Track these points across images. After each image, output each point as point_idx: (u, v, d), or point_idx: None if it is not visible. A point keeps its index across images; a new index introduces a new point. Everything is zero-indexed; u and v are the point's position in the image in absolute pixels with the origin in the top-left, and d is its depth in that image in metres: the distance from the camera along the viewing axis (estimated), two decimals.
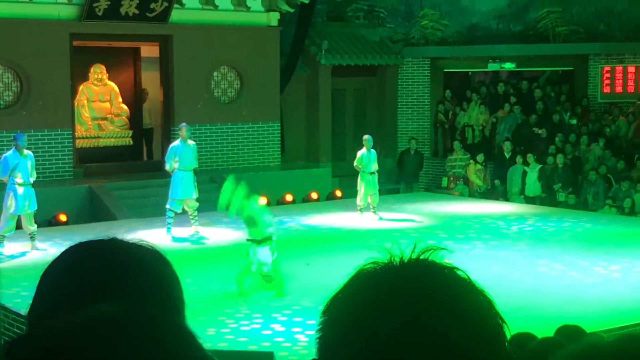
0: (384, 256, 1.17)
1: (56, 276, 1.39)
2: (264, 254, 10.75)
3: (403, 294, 1.11)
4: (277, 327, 9.68)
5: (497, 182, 20.75)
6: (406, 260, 1.17)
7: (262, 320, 9.95)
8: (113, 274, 1.36)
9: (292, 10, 20.85)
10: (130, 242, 1.43)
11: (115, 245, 1.42)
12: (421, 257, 1.17)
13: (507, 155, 20.85)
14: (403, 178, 22.41)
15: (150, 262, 1.40)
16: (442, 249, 1.18)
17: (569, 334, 5.89)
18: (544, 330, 6.78)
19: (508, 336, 1.18)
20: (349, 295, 1.15)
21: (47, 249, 13.65)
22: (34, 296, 1.39)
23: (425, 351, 1.09)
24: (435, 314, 1.10)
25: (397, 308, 1.10)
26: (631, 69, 23.11)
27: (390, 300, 1.11)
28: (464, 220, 16.26)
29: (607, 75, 23.27)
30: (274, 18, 20.84)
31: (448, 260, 1.19)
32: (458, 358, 1.10)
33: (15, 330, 9.99)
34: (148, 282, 1.37)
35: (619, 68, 23.18)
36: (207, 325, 9.69)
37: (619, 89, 23.23)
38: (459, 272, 1.16)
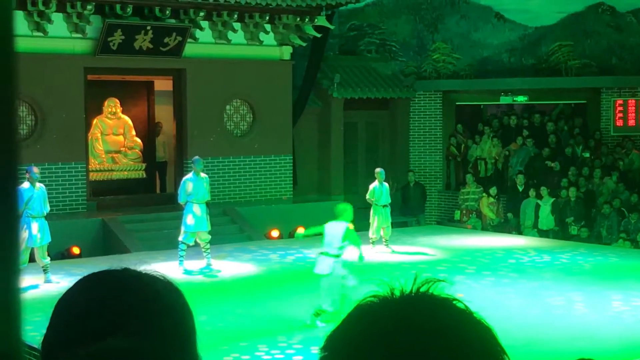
0: (383, 290, 1.18)
1: (70, 307, 1.40)
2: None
3: (402, 327, 1.12)
4: None
5: (510, 215, 20.69)
6: (406, 293, 1.18)
7: (274, 353, 9.90)
8: (126, 304, 1.37)
9: (304, 44, 20.99)
10: (143, 272, 1.44)
11: (128, 276, 1.43)
12: (421, 289, 1.18)
13: (520, 189, 20.81)
14: (408, 212, 22.36)
15: (163, 292, 1.41)
16: (442, 281, 1.18)
17: None
18: None
19: None
20: (348, 329, 1.16)
21: (60, 282, 13.66)
22: (48, 326, 1.40)
23: None
24: (435, 346, 1.11)
25: (396, 341, 1.11)
26: None
27: (389, 333, 1.12)
28: (476, 254, 16.20)
29: (620, 108, 23.25)
30: (286, 52, 20.97)
31: (451, 292, 1.20)
32: None
33: None
34: (161, 312, 1.37)
35: (632, 101, 23.17)
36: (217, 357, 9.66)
37: (631, 122, 23.19)
38: (458, 304, 1.16)
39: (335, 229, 11.51)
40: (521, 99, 23.91)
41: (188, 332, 1.40)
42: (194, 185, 14.74)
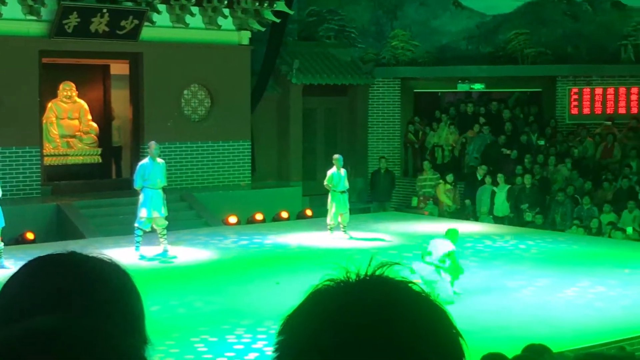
0: (340, 273, 1.17)
1: (14, 289, 1.39)
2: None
3: (358, 309, 1.12)
4: (240, 347, 9.63)
5: (467, 202, 20.86)
6: (361, 277, 1.17)
7: (233, 340, 9.89)
8: (71, 287, 1.36)
9: (263, 29, 20.90)
10: (90, 255, 1.43)
11: (74, 259, 1.42)
12: (376, 272, 1.17)
13: (480, 177, 20.93)
14: (375, 198, 22.48)
15: (110, 275, 1.40)
16: (397, 263, 1.18)
17: (536, 352, 5.92)
18: (512, 350, 6.81)
19: (466, 351, 1.19)
20: (304, 312, 1.15)
21: (13, 267, 13.47)
22: None
23: None
24: (390, 327, 1.10)
25: (352, 323, 1.11)
26: (598, 90, 23.39)
27: (345, 315, 1.11)
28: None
29: (575, 96, 23.53)
30: (245, 37, 20.86)
31: (406, 276, 1.20)
32: None
33: None
34: (107, 295, 1.37)
35: (587, 90, 23.45)
36: (176, 344, 9.62)
37: (586, 111, 23.49)
38: (414, 287, 1.17)
39: (442, 245, 12.02)
40: (478, 86, 24.09)
41: (136, 316, 1.39)
42: (150, 171, 14.63)
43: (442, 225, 18.31)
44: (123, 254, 14.41)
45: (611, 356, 0.98)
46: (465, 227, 18.35)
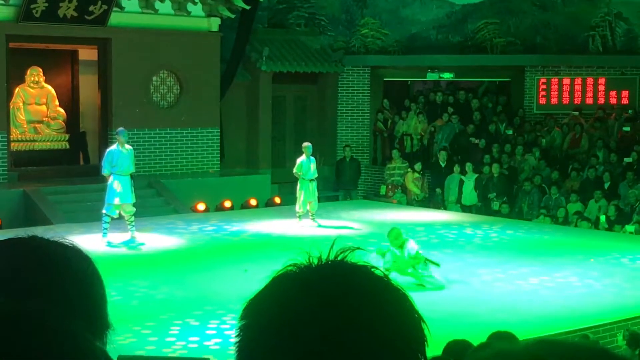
0: (302, 258, 1.18)
1: None
2: None
3: (320, 293, 1.13)
4: (211, 333, 9.63)
5: (438, 190, 20.97)
6: (323, 261, 1.18)
7: (197, 325, 9.89)
8: (31, 272, 1.36)
9: (233, 16, 20.81)
10: (50, 239, 1.42)
11: (34, 243, 1.41)
12: (338, 257, 1.19)
13: (443, 164, 21.10)
14: (341, 186, 22.51)
15: (71, 260, 1.40)
16: (358, 248, 1.20)
17: (502, 339, 5.98)
18: (478, 337, 6.87)
19: (429, 335, 1.20)
20: (266, 297, 1.16)
21: None
22: None
23: (344, 348, 1.10)
24: (352, 310, 1.12)
25: (314, 307, 1.12)
26: (566, 81, 23.57)
27: (307, 299, 1.12)
28: (401, 228, 16.35)
29: (543, 86, 23.69)
30: (214, 23, 20.77)
31: (367, 257, 1.21)
32: (378, 352, 1.11)
33: None
34: (67, 280, 1.37)
35: (555, 80, 23.62)
36: (143, 329, 9.60)
37: (554, 101, 23.67)
38: (376, 271, 1.18)
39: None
40: (447, 75, 24.17)
41: (96, 300, 1.40)
42: (118, 157, 14.55)
43: (410, 214, 18.47)
44: (90, 241, 14.33)
45: (571, 343, 0.99)
46: (433, 215, 18.48)
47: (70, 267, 1.39)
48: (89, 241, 14.32)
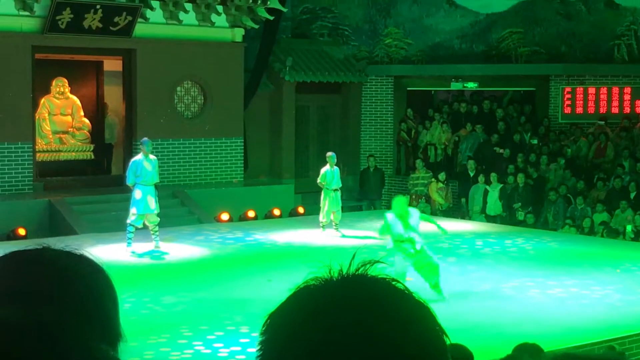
0: (323, 272, 1.17)
1: None
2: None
3: (341, 308, 1.11)
4: (235, 342, 9.62)
5: (462, 200, 20.87)
6: (344, 275, 1.17)
7: (221, 335, 9.88)
8: (43, 281, 1.35)
9: (256, 27, 20.88)
10: (62, 250, 1.42)
11: (45, 254, 1.41)
12: (359, 271, 1.17)
13: (472, 174, 20.99)
14: (365, 196, 22.48)
15: (81, 269, 1.39)
16: (380, 262, 1.18)
17: (527, 351, 5.92)
18: (502, 349, 6.81)
19: (448, 346, 1.18)
20: (287, 312, 1.15)
21: None
22: None
23: None
24: (373, 325, 1.10)
25: (335, 322, 1.10)
26: (592, 90, 23.42)
27: (328, 314, 1.11)
28: (425, 238, 16.29)
29: (568, 96, 23.56)
30: (238, 34, 20.84)
31: (390, 270, 1.20)
32: None
33: None
34: (79, 289, 1.36)
35: (580, 89, 23.48)
36: (168, 340, 9.61)
37: (579, 110, 23.52)
38: (397, 284, 1.16)
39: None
40: (471, 85, 24.10)
41: (109, 311, 1.39)
42: (142, 167, 14.61)
43: (434, 225, 18.36)
44: (115, 250, 14.40)
45: (595, 356, 0.97)
46: (458, 225, 18.38)
47: (81, 278, 1.38)
48: (114, 251, 14.40)
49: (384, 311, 1.12)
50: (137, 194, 14.60)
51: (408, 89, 24.56)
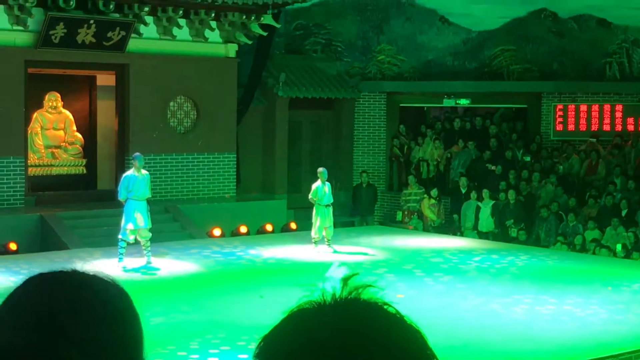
0: (316, 295, 1.18)
1: (15, 307, 1.37)
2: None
3: (334, 333, 1.12)
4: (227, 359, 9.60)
5: (455, 216, 20.91)
6: (337, 299, 1.18)
7: (214, 353, 9.86)
8: (72, 308, 1.34)
9: (250, 42, 20.94)
10: (91, 274, 1.41)
11: (77, 279, 1.40)
12: (352, 294, 1.18)
13: (463, 191, 21.05)
14: (358, 212, 22.50)
15: (113, 298, 1.39)
16: (371, 285, 1.19)
17: None
18: None
19: None
20: (280, 335, 1.16)
21: None
22: None
23: None
24: (365, 350, 1.11)
25: (328, 346, 1.11)
26: (583, 107, 23.51)
27: (320, 338, 1.12)
28: (417, 255, 16.33)
29: (560, 113, 23.65)
30: (231, 49, 20.90)
31: (383, 295, 1.21)
32: None
33: None
34: (108, 318, 1.35)
35: (572, 106, 23.58)
36: (156, 356, 9.58)
37: (571, 127, 23.61)
38: (389, 309, 1.17)
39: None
40: (463, 102, 24.19)
41: (134, 337, 1.39)
42: (134, 182, 14.60)
43: (426, 240, 18.42)
44: (106, 265, 14.37)
45: None
46: (450, 241, 18.41)
47: (110, 306, 1.38)
48: (105, 266, 14.36)
49: (375, 336, 1.13)
50: (129, 209, 14.58)
51: (401, 105, 24.64)
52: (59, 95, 20.19)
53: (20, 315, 1.34)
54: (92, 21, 18.28)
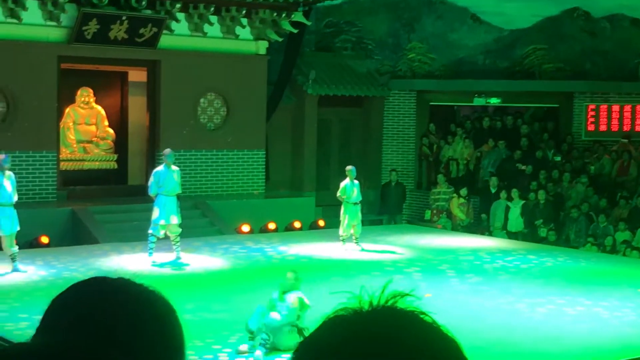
0: (353, 302, 1.20)
1: (61, 313, 1.40)
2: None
3: (370, 340, 1.14)
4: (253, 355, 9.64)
5: (483, 216, 20.83)
6: (374, 307, 1.20)
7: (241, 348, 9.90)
8: (118, 315, 1.37)
9: (280, 40, 20.98)
10: (137, 283, 1.44)
11: (119, 284, 1.42)
12: (389, 302, 1.20)
13: (493, 190, 20.94)
14: (386, 210, 22.46)
15: (156, 305, 1.41)
16: (409, 295, 1.21)
17: None
18: None
19: None
20: (318, 342, 1.18)
21: (27, 271, 13.59)
22: (37, 328, 1.40)
23: None
24: (401, 357, 1.13)
25: (363, 354, 1.13)
26: (615, 107, 23.32)
27: (356, 346, 1.14)
28: (445, 254, 16.30)
29: (592, 113, 23.47)
30: (262, 46, 20.95)
31: (420, 302, 1.22)
32: None
33: None
34: (152, 325, 1.37)
35: (604, 107, 23.39)
36: (192, 352, 9.64)
37: (603, 127, 23.42)
38: (426, 318, 1.19)
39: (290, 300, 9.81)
40: (494, 101, 24.07)
41: (176, 349, 1.41)
42: (164, 178, 14.70)
43: (455, 240, 18.37)
44: (136, 260, 14.48)
45: None
46: (479, 241, 18.35)
47: (152, 309, 1.40)
48: (135, 260, 14.48)
49: (411, 344, 1.14)
50: (159, 204, 14.67)
51: (431, 103, 24.57)
52: (91, 90, 20.37)
53: (64, 319, 1.37)
54: (124, 17, 18.41)
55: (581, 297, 12.79)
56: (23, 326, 9.61)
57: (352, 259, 15.57)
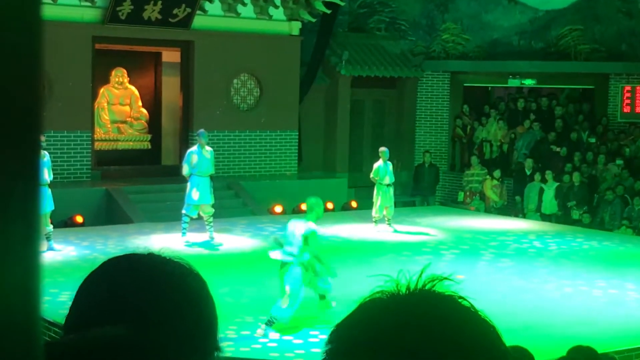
0: (390, 285, 1.19)
1: (92, 291, 1.40)
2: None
3: (407, 325, 1.13)
4: (286, 338, 9.69)
5: (517, 198, 20.70)
6: (411, 291, 1.19)
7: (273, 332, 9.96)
8: (149, 291, 1.37)
9: (313, 20, 20.93)
10: (168, 259, 1.43)
11: (152, 262, 1.42)
12: (426, 286, 1.19)
13: (528, 172, 20.78)
14: (419, 192, 22.40)
15: (188, 282, 1.41)
16: (447, 278, 1.20)
17: (582, 355, 5.84)
18: (555, 350, 6.77)
19: None
20: (354, 324, 1.17)
21: (62, 250, 13.75)
22: (70, 307, 1.40)
23: None
24: (438, 344, 1.12)
25: (401, 339, 1.12)
26: None
27: (394, 330, 1.13)
28: (478, 236, 16.24)
29: (628, 95, 23.18)
30: (295, 27, 20.91)
31: (456, 286, 1.21)
32: None
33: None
34: (184, 302, 1.37)
35: None
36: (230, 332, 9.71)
37: (639, 109, 23.13)
38: (463, 302, 1.18)
39: (298, 228, 9.99)
40: (529, 82, 23.85)
41: (210, 322, 1.42)
42: (198, 158, 14.76)
43: (488, 221, 18.29)
44: (169, 240, 14.59)
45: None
46: (512, 223, 18.26)
47: (186, 290, 1.40)
48: (168, 240, 14.58)
49: (448, 329, 1.13)
50: (193, 184, 14.75)
51: (464, 85, 24.41)
52: (125, 71, 20.47)
53: (97, 297, 1.38)
54: None
55: (614, 280, 12.69)
56: (60, 301, 9.72)
57: (385, 240, 15.57)
